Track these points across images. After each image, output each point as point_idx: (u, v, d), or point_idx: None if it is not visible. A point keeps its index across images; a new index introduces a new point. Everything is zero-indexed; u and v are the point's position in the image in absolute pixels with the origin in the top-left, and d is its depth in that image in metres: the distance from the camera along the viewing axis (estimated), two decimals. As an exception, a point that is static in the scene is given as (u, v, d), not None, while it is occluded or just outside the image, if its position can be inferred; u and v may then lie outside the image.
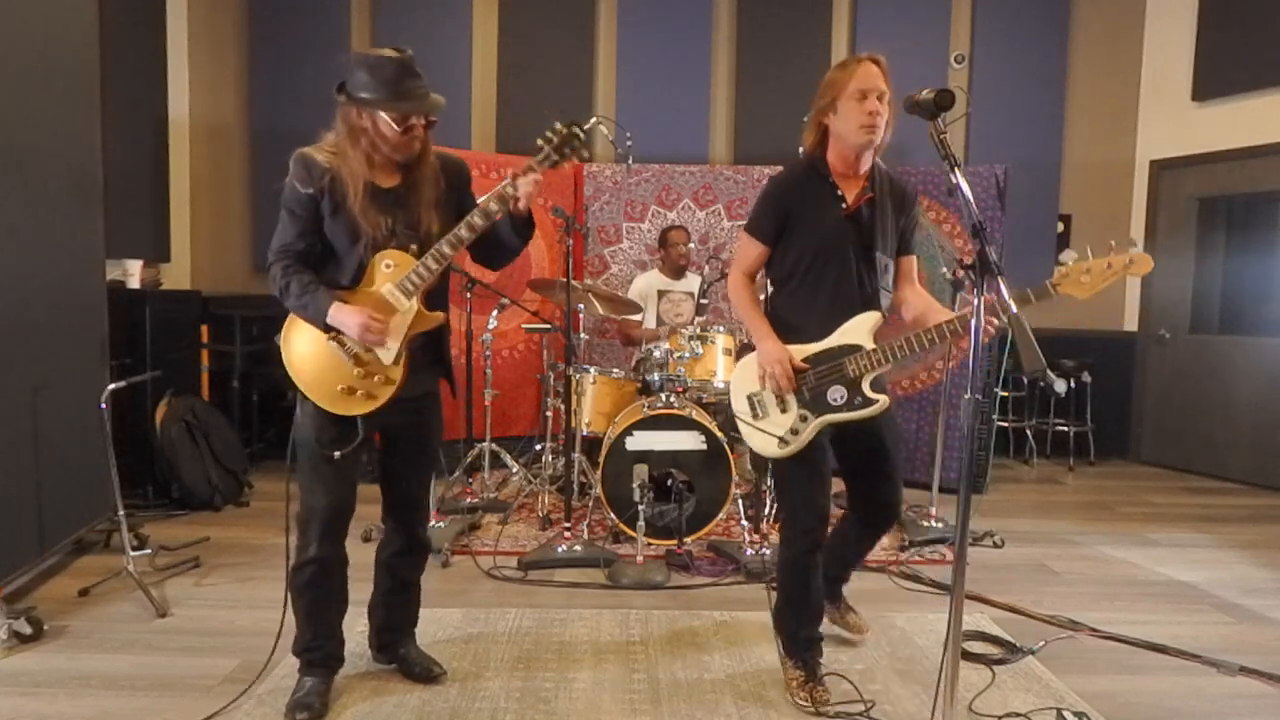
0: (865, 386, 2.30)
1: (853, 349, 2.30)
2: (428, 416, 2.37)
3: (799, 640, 2.45)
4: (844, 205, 2.35)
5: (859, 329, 2.31)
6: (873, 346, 2.29)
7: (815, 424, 2.32)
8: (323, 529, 2.20)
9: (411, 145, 2.14)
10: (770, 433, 2.36)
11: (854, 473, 2.54)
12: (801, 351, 2.34)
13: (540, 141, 2.19)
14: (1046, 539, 4.09)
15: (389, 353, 2.16)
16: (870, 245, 2.35)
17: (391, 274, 2.16)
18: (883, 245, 2.37)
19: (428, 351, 2.31)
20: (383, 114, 2.08)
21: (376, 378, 2.16)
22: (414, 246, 2.18)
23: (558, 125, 2.17)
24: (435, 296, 2.27)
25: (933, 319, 2.28)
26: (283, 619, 2.30)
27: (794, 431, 2.33)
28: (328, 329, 2.14)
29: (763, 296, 2.60)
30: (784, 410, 2.35)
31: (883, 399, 2.31)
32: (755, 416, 2.39)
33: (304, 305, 2.14)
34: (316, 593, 2.25)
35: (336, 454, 2.14)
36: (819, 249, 2.34)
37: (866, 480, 2.52)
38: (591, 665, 2.60)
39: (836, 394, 2.31)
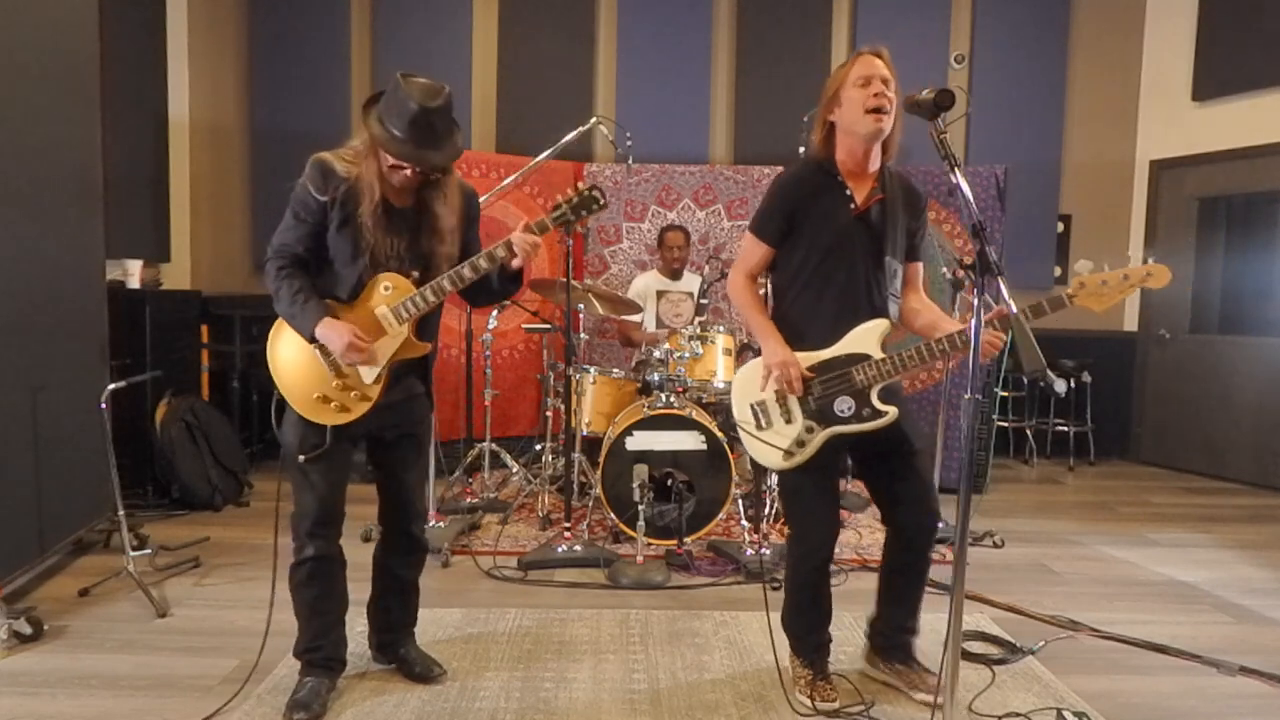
0: (874, 397, 2.21)
1: (861, 358, 2.21)
2: (415, 415, 2.36)
3: (807, 643, 2.44)
4: (853, 205, 2.26)
5: (867, 337, 2.23)
6: (881, 356, 2.20)
7: (822, 436, 2.24)
8: (311, 527, 2.21)
9: (397, 180, 2.12)
10: (774, 444, 2.27)
11: (875, 475, 2.38)
12: (807, 359, 2.25)
13: (559, 198, 2.27)
14: (1046, 539, 4.09)
15: (370, 373, 2.17)
16: (880, 249, 2.26)
17: (389, 296, 2.16)
18: (892, 249, 2.28)
19: (410, 366, 2.30)
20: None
21: (354, 393, 2.17)
22: (416, 274, 2.18)
23: (580, 185, 2.27)
24: (428, 326, 2.28)
25: (944, 328, 2.21)
26: (268, 619, 2.32)
27: (800, 443, 2.25)
28: (313, 340, 2.14)
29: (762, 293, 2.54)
30: (789, 421, 2.27)
31: (892, 411, 2.20)
32: (759, 426, 2.30)
33: (293, 315, 2.14)
34: (312, 591, 2.26)
35: (301, 458, 2.16)
36: (826, 250, 2.25)
37: (890, 481, 2.33)
38: (591, 665, 2.59)
39: (844, 405, 2.22)
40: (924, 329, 2.33)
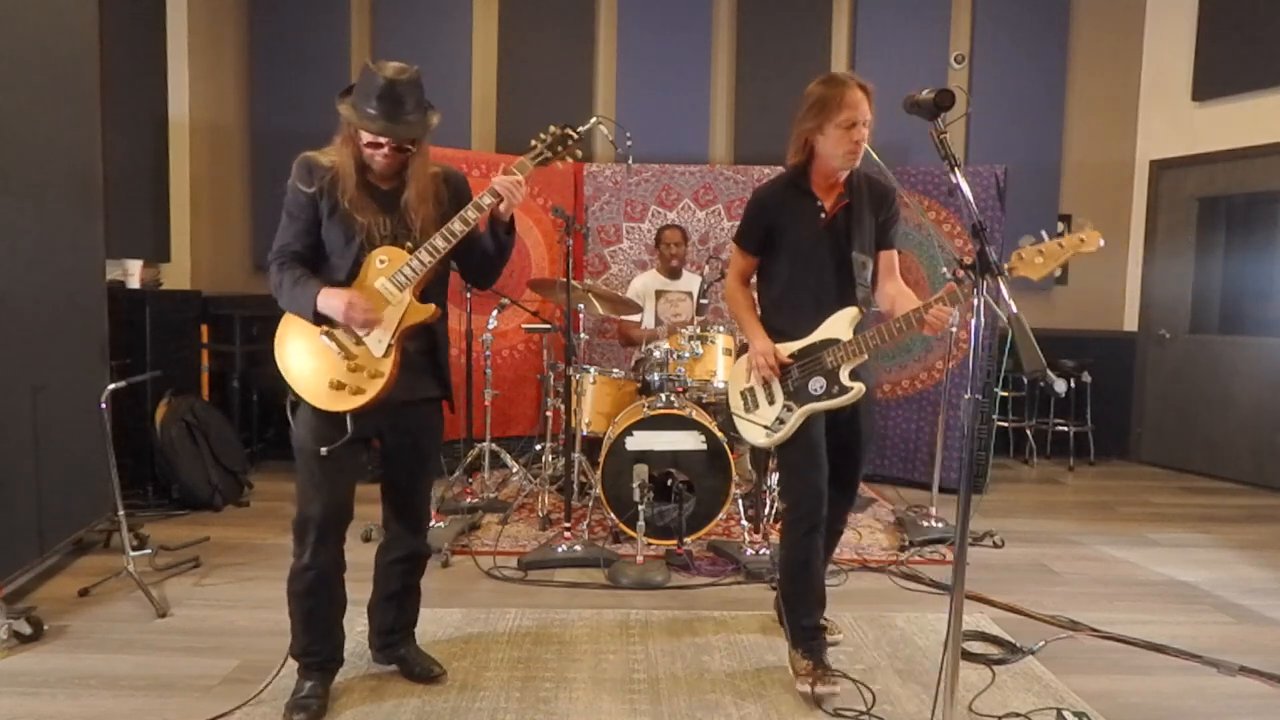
0: (843, 376, 2.43)
1: (832, 342, 2.44)
2: (426, 423, 2.36)
3: (803, 629, 2.48)
4: (823, 215, 2.48)
5: (838, 323, 2.46)
6: (850, 338, 2.42)
7: (799, 413, 2.46)
8: (318, 535, 2.19)
9: (377, 161, 2.16)
10: (758, 424, 2.54)
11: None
12: (788, 348, 2.50)
13: (534, 141, 2.31)
14: (1046, 539, 4.09)
15: (379, 345, 2.17)
16: (848, 249, 2.48)
17: (385, 269, 2.18)
18: (860, 245, 2.49)
19: (425, 358, 2.30)
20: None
21: (365, 371, 2.17)
22: (409, 244, 2.20)
23: (552, 128, 2.31)
24: (434, 294, 2.27)
25: (901, 309, 2.40)
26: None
27: (780, 421, 2.49)
28: (318, 320, 2.15)
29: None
30: (771, 402, 2.52)
31: (858, 386, 2.42)
32: (747, 410, 2.58)
33: (294, 299, 2.16)
34: (313, 601, 2.25)
35: (323, 450, 2.14)
36: (800, 258, 2.50)
37: (832, 472, 2.54)
38: (591, 665, 2.60)
39: (817, 384, 2.45)
40: (887, 311, 2.54)
